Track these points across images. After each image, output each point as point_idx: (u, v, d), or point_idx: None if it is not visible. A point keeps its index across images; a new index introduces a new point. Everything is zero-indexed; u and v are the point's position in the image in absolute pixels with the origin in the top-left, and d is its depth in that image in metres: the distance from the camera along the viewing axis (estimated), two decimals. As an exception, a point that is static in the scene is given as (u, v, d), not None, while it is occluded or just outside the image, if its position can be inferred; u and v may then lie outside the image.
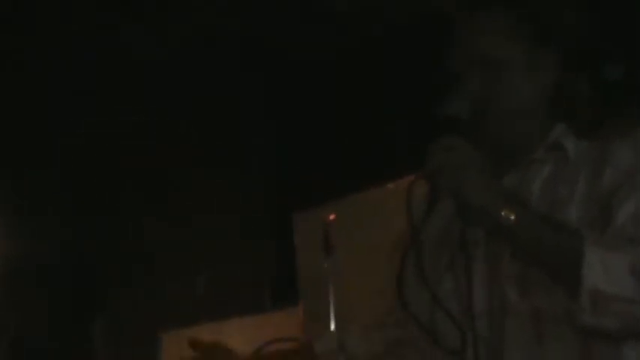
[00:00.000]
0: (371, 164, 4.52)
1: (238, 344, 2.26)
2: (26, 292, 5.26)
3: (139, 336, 5.35)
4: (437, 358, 1.75)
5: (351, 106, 4.74)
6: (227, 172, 5.25)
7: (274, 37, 4.70)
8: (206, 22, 4.64)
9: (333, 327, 3.92)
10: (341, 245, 4.03)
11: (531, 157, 1.78)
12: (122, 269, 5.53)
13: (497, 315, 1.72)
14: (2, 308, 5.25)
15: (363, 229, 4.42)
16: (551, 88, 1.80)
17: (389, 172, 4.39)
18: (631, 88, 3.64)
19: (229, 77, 5.05)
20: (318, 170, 4.72)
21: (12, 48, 4.42)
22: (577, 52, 1.83)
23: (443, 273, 1.80)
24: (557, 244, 1.59)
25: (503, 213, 1.59)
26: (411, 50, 4.35)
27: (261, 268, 5.05)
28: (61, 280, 5.36)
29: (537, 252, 1.61)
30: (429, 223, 1.70)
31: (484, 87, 1.75)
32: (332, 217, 3.89)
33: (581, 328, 1.58)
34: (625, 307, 1.54)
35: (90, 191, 5.41)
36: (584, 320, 1.54)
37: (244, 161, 5.23)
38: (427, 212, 1.68)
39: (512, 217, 1.58)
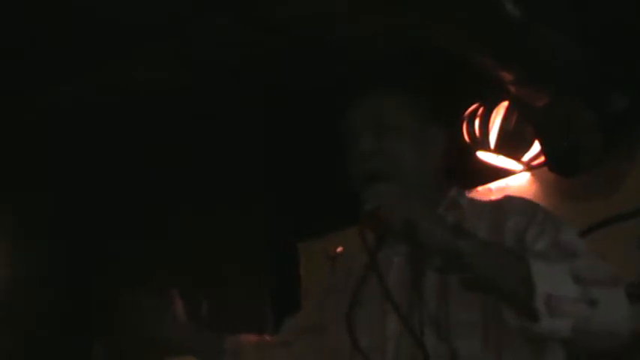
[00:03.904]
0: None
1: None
2: (20, 317, 5.23)
3: (139, 363, 5.31)
4: None
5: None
6: (229, 197, 5.23)
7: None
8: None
9: None
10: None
11: None
12: (120, 295, 5.48)
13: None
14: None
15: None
16: (440, 158, 2.11)
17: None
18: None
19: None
20: (323, 198, 4.68)
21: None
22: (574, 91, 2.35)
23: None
24: (507, 265, 1.75)
25: (459, 245, 1.73)
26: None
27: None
28: (56, 304, 5.33)
29: (490, 276, 1.74)
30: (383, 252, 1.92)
31: (378, 148, 2.05)
32: (339, 249, 3.86)
33: (536, 336, 1.77)
34: (574, 307, 1.70)
35: (83, 212, 5.38)
36: (541, 325, 1.68)
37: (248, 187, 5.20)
38: (379, 241, 1.90)
39: (470, 249, 1.73)
